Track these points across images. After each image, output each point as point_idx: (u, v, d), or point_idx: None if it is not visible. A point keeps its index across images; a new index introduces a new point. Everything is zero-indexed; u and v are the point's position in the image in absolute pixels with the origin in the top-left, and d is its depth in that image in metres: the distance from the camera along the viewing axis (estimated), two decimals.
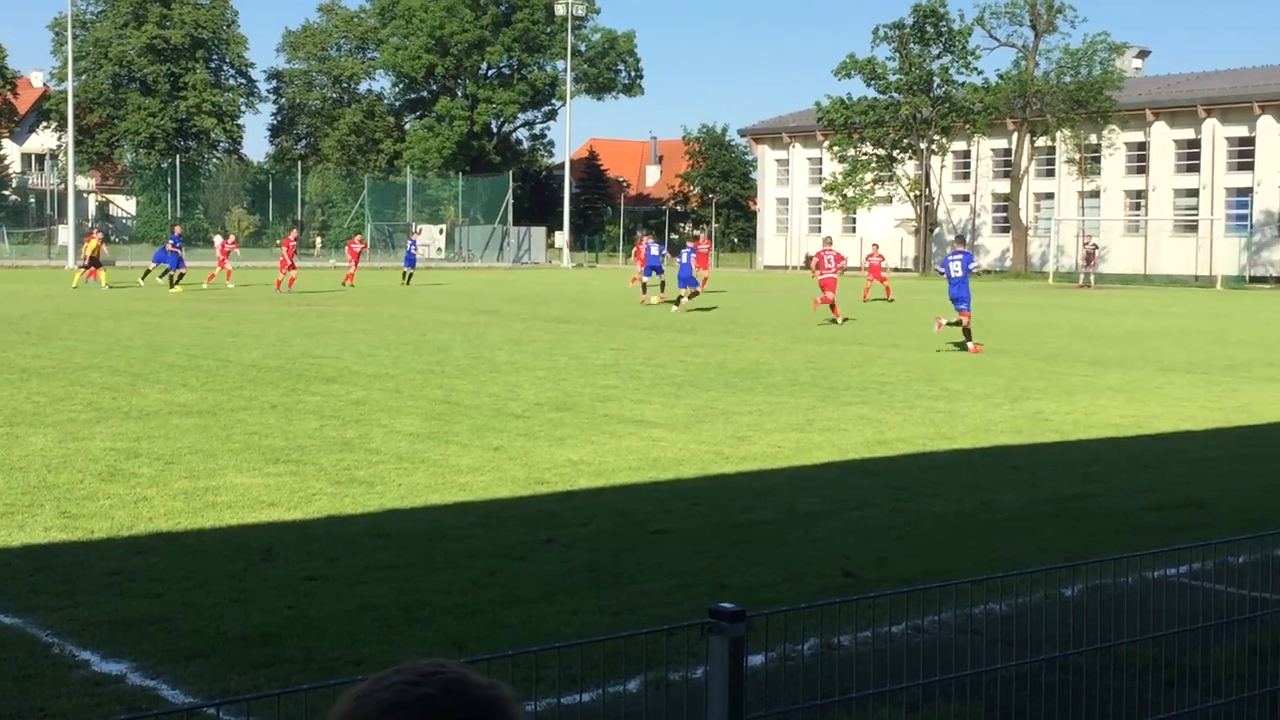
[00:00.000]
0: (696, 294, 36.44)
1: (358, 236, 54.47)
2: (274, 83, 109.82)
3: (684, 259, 35.97)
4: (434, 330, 27.18)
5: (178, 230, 46.78)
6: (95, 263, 45.78)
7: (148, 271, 48.10)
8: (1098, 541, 8.99)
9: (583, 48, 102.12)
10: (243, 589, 7.66)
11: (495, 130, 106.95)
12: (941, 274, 25.45)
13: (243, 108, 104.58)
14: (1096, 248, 64.23)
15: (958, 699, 5.59)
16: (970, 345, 23.81)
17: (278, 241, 54.10)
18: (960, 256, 24.89)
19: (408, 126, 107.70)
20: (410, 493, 10.48)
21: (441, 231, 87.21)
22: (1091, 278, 61.41)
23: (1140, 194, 74.88)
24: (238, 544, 8.74)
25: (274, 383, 17.45)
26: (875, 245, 50.51)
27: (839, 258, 33.11)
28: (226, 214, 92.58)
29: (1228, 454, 13.04)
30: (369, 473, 11.22)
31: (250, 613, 7.18)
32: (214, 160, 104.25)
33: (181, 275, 43.18)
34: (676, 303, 35.42)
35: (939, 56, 73.43)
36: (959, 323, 24.18)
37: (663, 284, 38.83)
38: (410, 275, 50.24)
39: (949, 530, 9.44)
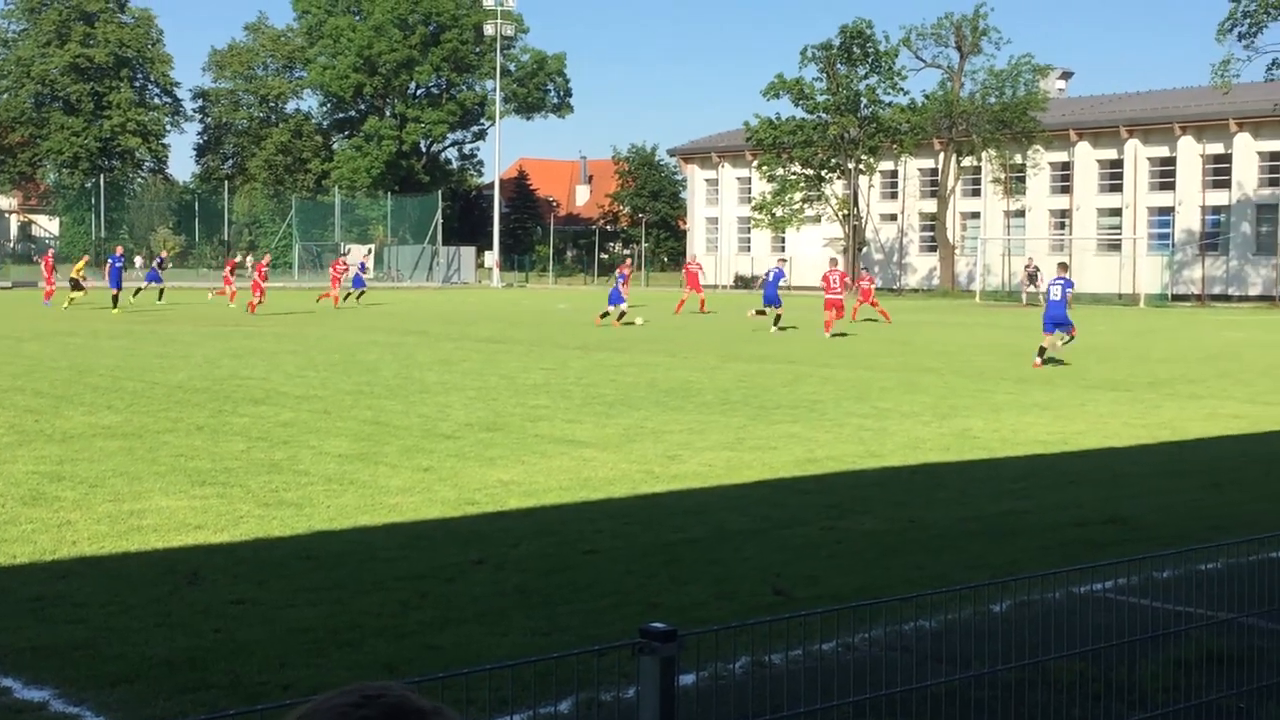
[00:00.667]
0: (624, 313, 37.78)
1: (266, 257, 53.97)
2: (200, 102, 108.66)
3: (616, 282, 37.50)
4: (363, 351, 27.00)
5: (119, 250, 46.86)
6: (78, 285, 46.62)
7: (139, 290, 49.04)
8: (1025, 558, 9.08)
9: (512, 68, 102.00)
10: (168, 613, 7.55)
11: (424, 150, 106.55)
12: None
13: (168, 127, 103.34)
14: (1038, 269, 64.99)
15: (888, 716, 5.60)
16: (1038, 361, 25.45)
17: (246, 263, 53.66)
18: (1061, 282, 26.81)
19: (336, 146, 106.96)
20: (339, 514, 10.39)
21: (370, 251, 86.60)
22: (1040, 297, 62.06)
23: (1065, 213, 75.90)
24: (163, 567, 8.61)
25: (200, 404, 17.25)
26: (865, 271, 52.08)
27: (843, 276, 34.48)
28: (152, 234, 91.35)
29: (1152, 470, 13.22)
30: (297, 494, 11.11)
31: (176, 637, 7.08)
32: (139, 180, 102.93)
33: (116, 296, 42.88)
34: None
35: (866, 77, 74.10)
36: (1070, 339, 26.32)
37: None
38: (359, 295, 50.41)
39: (879, 548, 9.50)
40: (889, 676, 5.71)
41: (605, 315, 38.00)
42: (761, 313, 35.10)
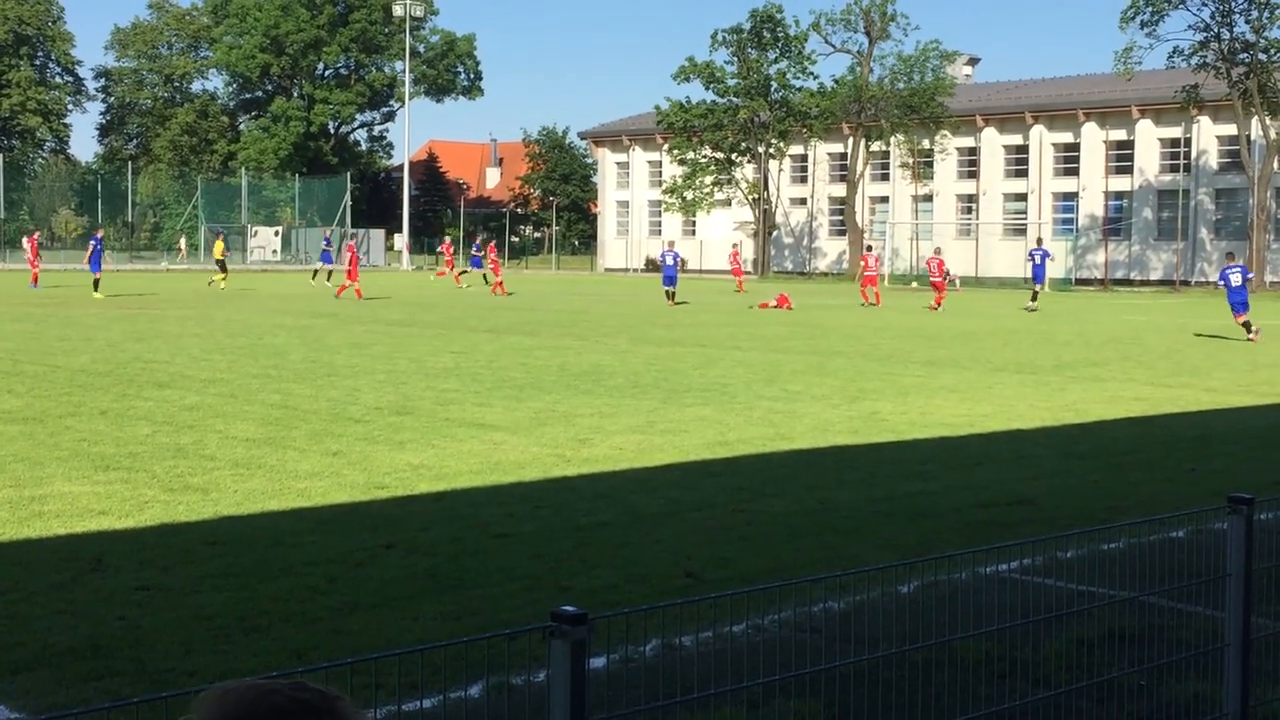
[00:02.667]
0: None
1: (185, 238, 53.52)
2: (103, 81, 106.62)
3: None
4: (270, 334, 26.67)
5: (100, 233, 46.24)
6: (223, 265, 48.41)
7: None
8: (933, 539, 9.18)
9: (421, 49, 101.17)
10: (71, 600, 7.41)
11: (332, 131, 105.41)
12: (1220, 286, 31.12)
13: (70, 106, 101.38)
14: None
15: (797, 696, 5.64)
16: (1252, 334, 28.75)
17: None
18: (1239, 269, 30.39)
19: (242, 127, 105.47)
20: (246, 499, 10.26)
21: (277, 234, 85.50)
22: (957, 282, 62.59)
23: (971, 198, 76.77)
24: (66, 554, 8.45)
25: (104, 388, 16.94)
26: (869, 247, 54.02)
27: (878, 260, 41.85)
28: (53, 215, 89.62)
29: (1056, 452, 13.42)
30: (204, 479, 10.95)
31: (79, 624, 6.96)
32: (39, 160, 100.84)
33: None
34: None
35: (776, 61, 74.44)
36: (1246, 324, 29.14)
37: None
38: (330, 273, 49.42)
39: (789, 530, 9.55)
40: (798, 658, 5.74)
41: (464, 273, 38.98)
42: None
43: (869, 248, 55.31)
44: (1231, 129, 63.11)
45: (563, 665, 3.36)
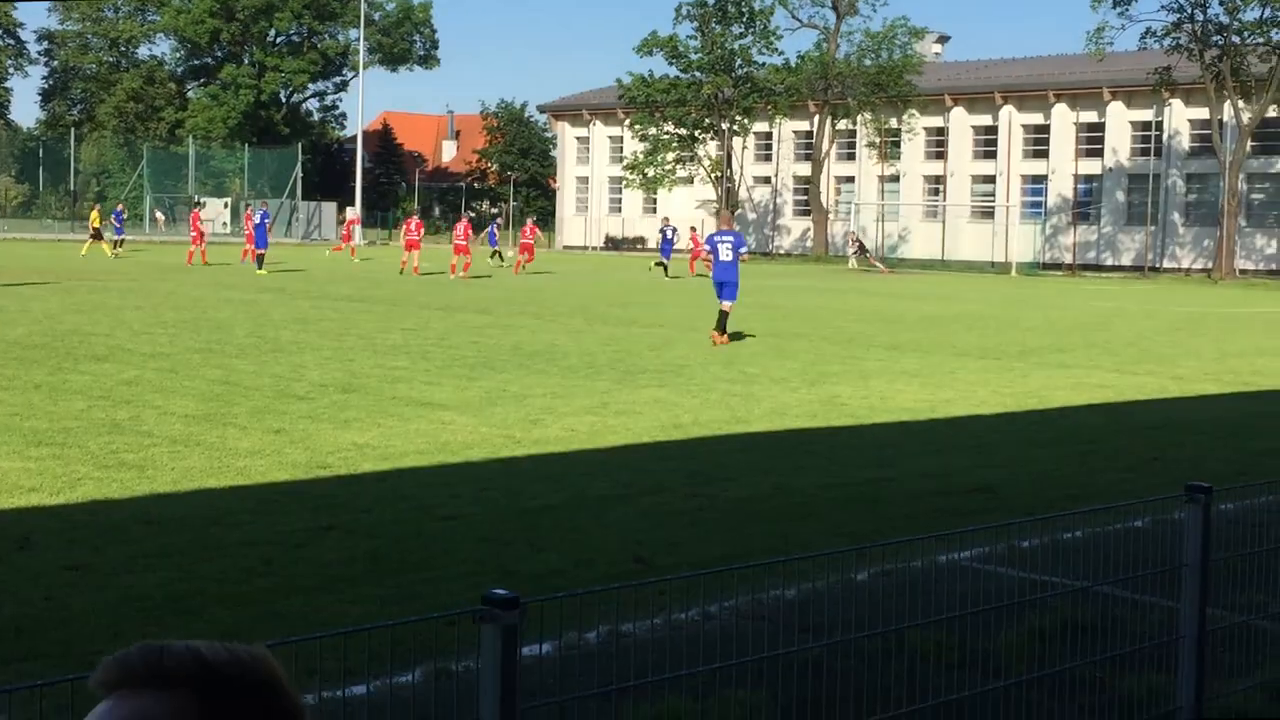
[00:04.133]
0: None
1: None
2: (45, 44, 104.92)
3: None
4: (214, 308, 26.32)
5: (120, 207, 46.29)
6: (98, 234, 47.88)
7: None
8: (890, 525, 9.04)
9: (376, 17, 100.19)
10: None
11: (284, 100, 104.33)
12: None
13: (10, 70, 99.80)
14: (859, 239, 66.69)
15: (745, 685, 5.51)
16: None
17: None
18: None
19: (191, 94, 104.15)
20: (183, 477, 10.03)
21: (226, 205, 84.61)
22: (877, 264, 62.95)
23: (939, 179, 76.64)
24: None
25: (39, 361, 16.61)
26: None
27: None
28: None
29: (1017, 438, 13.36)
30: (139, 456, 10.70)
31: (4, 604, 6.79)
32: None
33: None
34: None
35: (741, 36, 74.09)
36: None
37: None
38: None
39: (742, 515, 9.41)
40: (748, 645, 5.59)
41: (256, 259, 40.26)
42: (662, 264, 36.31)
43: (693, 228, 56.81)
44: (1204, 112, 63.36)
45: (493, 650, 3.30)
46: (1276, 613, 6.60)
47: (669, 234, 52.39)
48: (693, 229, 58.72)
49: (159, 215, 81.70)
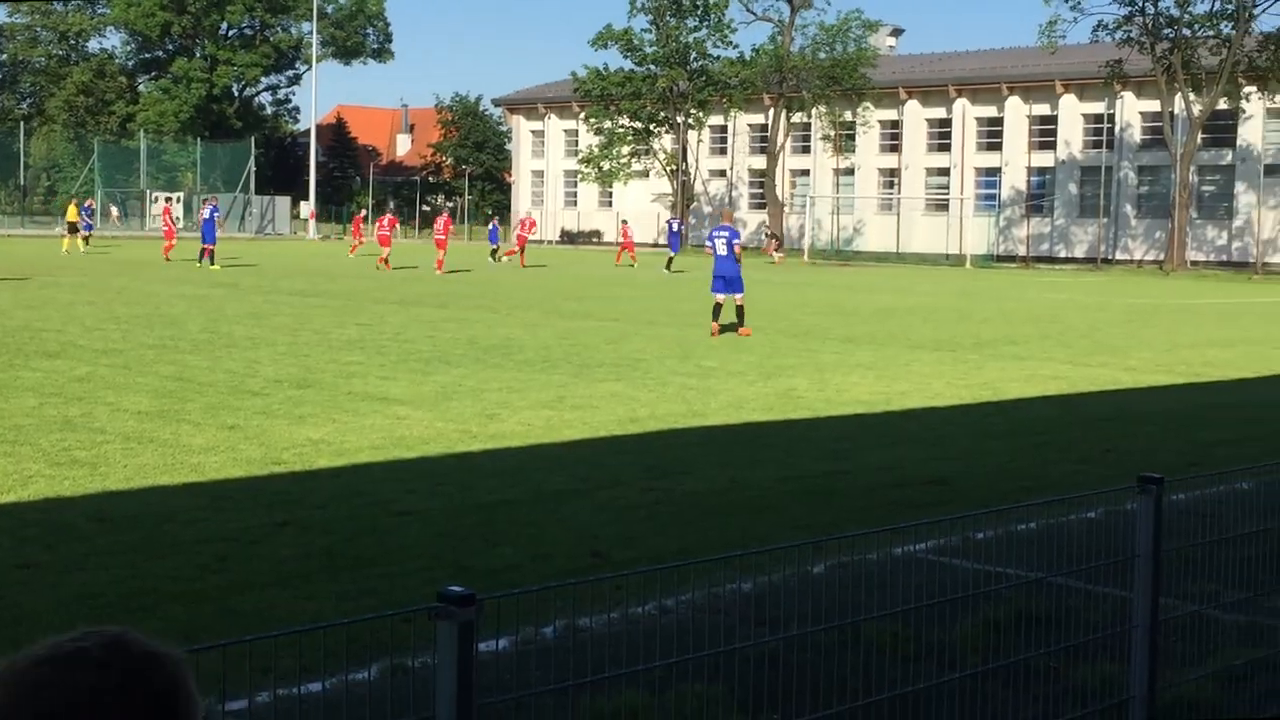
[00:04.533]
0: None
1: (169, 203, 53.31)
2: None
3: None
4: (167, 304, 26.08)
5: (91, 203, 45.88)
6: (74, 228, 47.56)
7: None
8: (846, 518, 9.07)
9: (329, 10, 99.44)
10: None
11: (236, 94, 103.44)
12: None
13: None
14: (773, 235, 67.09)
15: (702, 679, 5.51)
16: None
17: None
18: None
19: (142, 88, 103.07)
20: (136, 474, 9.94)
21: (179, 200, 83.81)
22: (775, 256, 63.11)
23: (894, 172, 76.90)
24: None
25: None
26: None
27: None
28: None
29: (972, 430, 13.42)
30: (92, 453, 10.59)
31: None
32: None
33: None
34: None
35: (696, 29, 74.05)
36: None
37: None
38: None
39: (699, 509, 9.41)
40: (705, 639, 5.59)
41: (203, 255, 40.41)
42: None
43: (624, 222, 57.63)
44: (1155, 105, 63.86)
45: (450, 647, 3.27)
46: (1228, 602, 6.66)
47: (674, 226, 53.66)
48: (624, 222, 58.53)
49: (113, 210, 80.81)
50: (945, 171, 75.24)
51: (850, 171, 77.83)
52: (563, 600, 6.39)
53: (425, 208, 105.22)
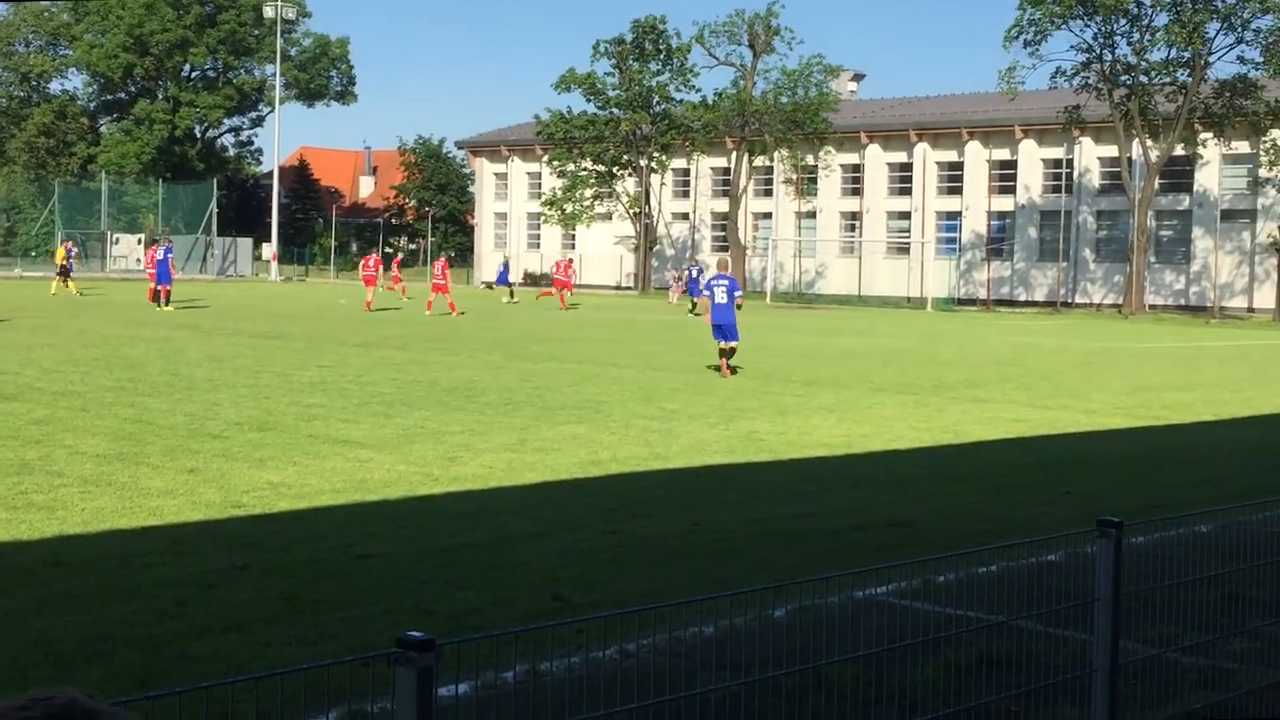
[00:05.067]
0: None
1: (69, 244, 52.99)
2: None
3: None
4: (127, 345, 25.89)
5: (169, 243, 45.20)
6: (64, 271, 47.59)
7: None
8: (809, 561, 9.07)
9: (293, 52, 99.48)
10: None
11: (199, 136, 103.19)
12: None
13: None
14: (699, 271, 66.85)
15: None
16: None
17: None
18: None
19: (104, 129, 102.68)
20: (94, 518, 9.84)
21: (140, 241, 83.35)
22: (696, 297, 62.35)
23: (855, 215, 77.24)
24: None
25: None
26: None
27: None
28: None
29: (934, 473, 13.44)
30: (49, 497, 10.49)
31: None
32: None
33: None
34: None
35: (659, 73, 74.41)
36: None
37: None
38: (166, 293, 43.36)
39: (661, 552, 9.38)
40: (667, 683, 5.57)
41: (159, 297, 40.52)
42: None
43: (568, 261, 57.75)
44: (1113, 150, 64.48)
45: (409, 693, 3.25)
46: (1188, 645, 6.69)
47: (693, 273, 55.55)
48: (568, 262, 58.06)
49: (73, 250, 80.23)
50: (906, 215, 75.68)
51: (812, 214, 78.14)
52: (523, 645, 6.33)
53: (389, 249, 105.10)
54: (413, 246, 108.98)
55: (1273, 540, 7.10)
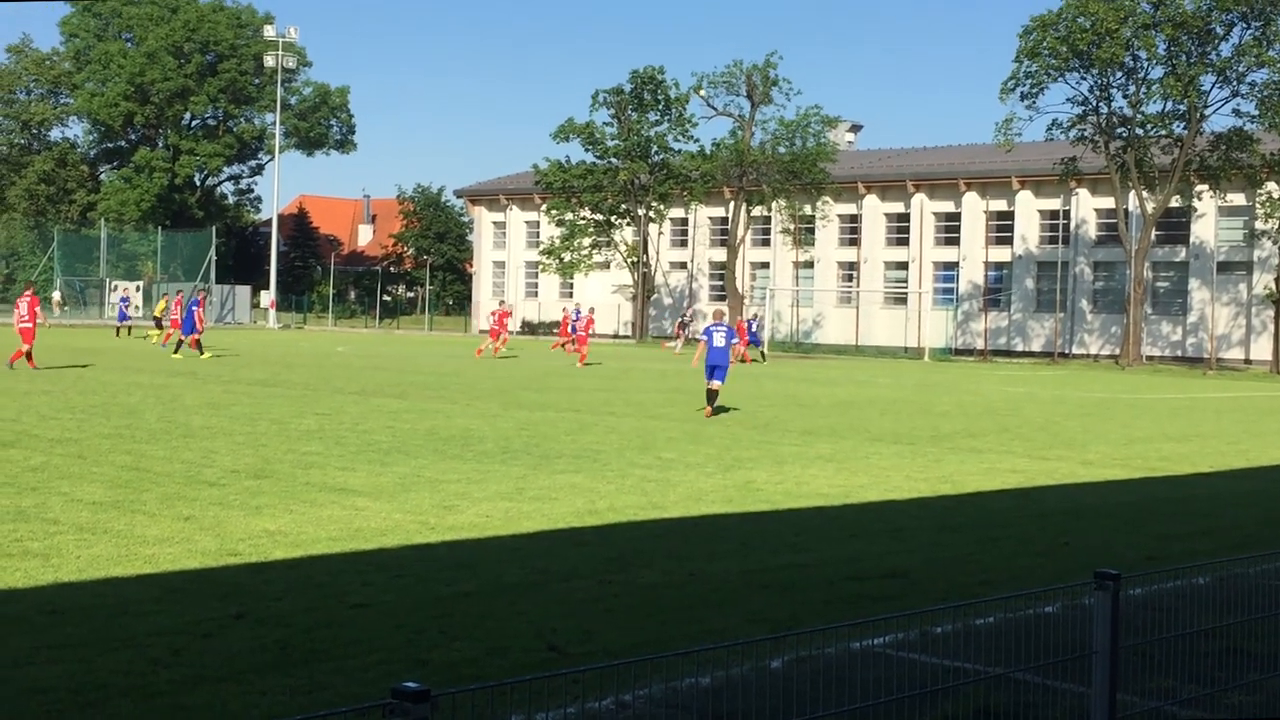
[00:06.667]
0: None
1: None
2: None
3: None
4: (124, 392, 25.88)
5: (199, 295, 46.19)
6: (159, 323, 49.06)
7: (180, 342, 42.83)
8: (805, 612, 9.03)
9: (293, 101, 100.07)
10: None
11: (198, 184, 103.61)
12: None
13: None
14: (693, 316, 66.95)
15: None
16: None
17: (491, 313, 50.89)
18: None
19: (103, 177, 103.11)
20: (89, 565, 9.80)
21: (139, 289, 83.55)
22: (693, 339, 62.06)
23: (853, 265, 77.47)
24: None
25: None
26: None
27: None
28: None
29: (931, 524, 13.41)
30: (44, 544, 10.45)
31: None
32: None
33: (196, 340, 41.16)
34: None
35: (657, 123, 74.83)
36: None
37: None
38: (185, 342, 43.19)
39: (658, 602, 9.35)
40: None
41: (179, 344, 41.07)
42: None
43: (502, 301, 59.08)
44: (1109, 202, 64.78)
45: None
46: (1186, 698, 6.66)
47: (753, 326, 56.79)
48: (566, 310, 58.11)
49: (55, 297, 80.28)
50: (904, 265, 75.92)
51: (810, 264, 78.39)
52: (519, 695, 6.30)
53: (387, 298, 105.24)
54: (411, 294, 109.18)
55: (1271, 593, 7.09)
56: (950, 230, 74.56)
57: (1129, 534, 13.19)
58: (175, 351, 40.42)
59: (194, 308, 42.06)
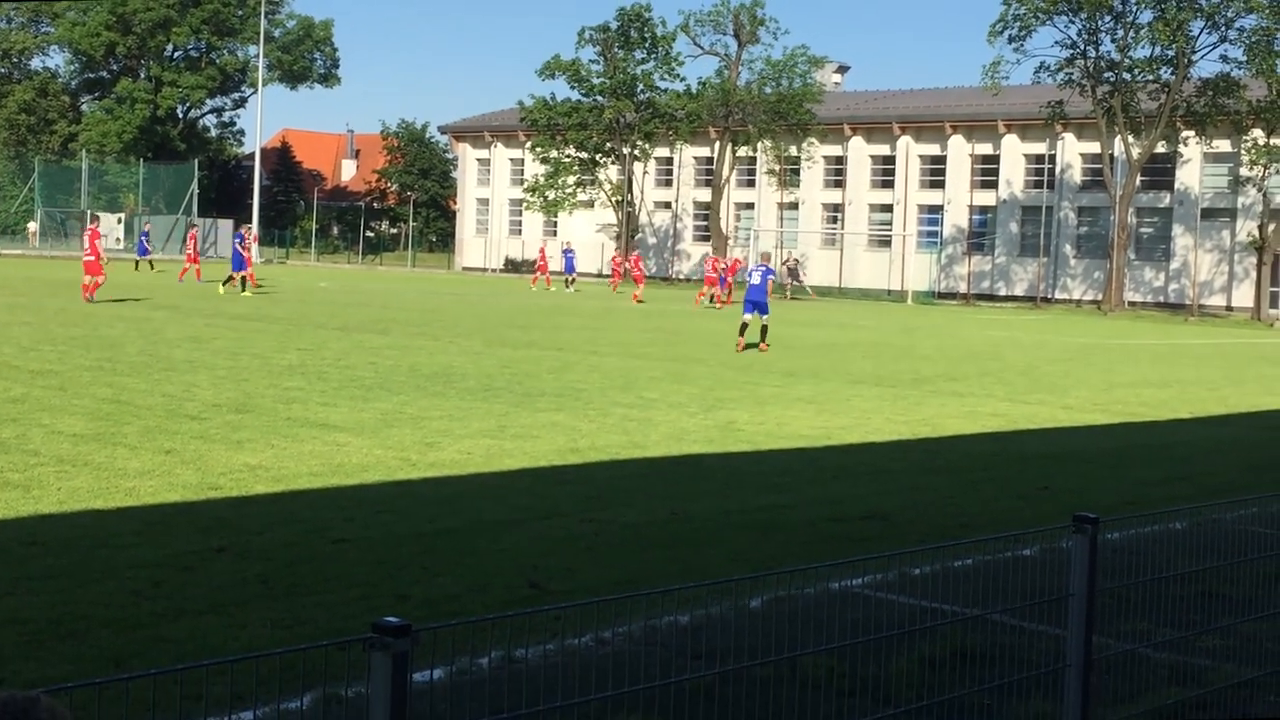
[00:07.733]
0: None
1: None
2: None
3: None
4: (106, 325, 25.77)
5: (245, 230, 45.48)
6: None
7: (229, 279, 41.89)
8: (785, 552, 9.08)
9: (277, 34, 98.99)
10: None
11: (181, 116, 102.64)
12: None
13: None
14: (798, 262, 66.34)
15: (639, 711, 5.50)
16: None
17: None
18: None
19: (85, 108, 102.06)
20: (70, 497, 9.80)
21: (120, 221, 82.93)
22: (789, 290, 62.32)
23: (838, 208, 77.28)
24: None
25: None
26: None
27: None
28: None
29: (911, 466, 13.48)
30: (25, 476, 10.44)
31: None
32: None
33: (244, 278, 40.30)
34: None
35: (643, 62, 74.34)
36: None
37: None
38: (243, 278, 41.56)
39: (638, 540, 9.39)
40: (641, 672, 5.57)
41: (229, 281, 40.07)
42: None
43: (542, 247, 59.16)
44: (1095, 147, 64.64)
45: (383, 679, 3.26)
46: (1161, 641, 6.73)
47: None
48: (542, 248, 58.34)
49: (31, 226, 79.67)
50: (889, 208, 75.78)
51: (795, 206, 78.15)
52: (499, 631, 6.36)
53: (370, 234, 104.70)
54: (394, 231, 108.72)
55: (1247, 538, 7.15)
56: (935, 173, 74.37)
57: (1108, 478, 13.28)
58: (243, 289, 39.90)
59: (238, 244, 41.66)
